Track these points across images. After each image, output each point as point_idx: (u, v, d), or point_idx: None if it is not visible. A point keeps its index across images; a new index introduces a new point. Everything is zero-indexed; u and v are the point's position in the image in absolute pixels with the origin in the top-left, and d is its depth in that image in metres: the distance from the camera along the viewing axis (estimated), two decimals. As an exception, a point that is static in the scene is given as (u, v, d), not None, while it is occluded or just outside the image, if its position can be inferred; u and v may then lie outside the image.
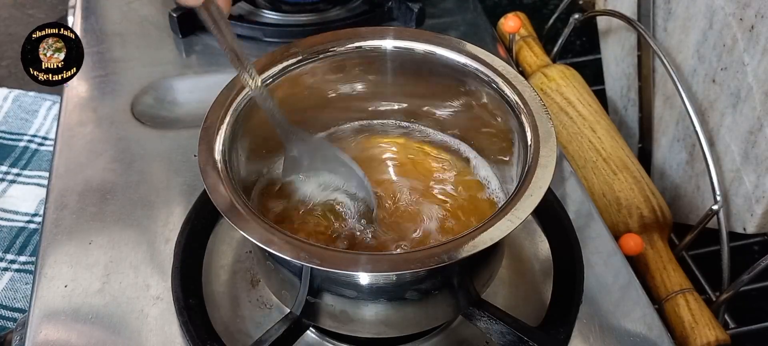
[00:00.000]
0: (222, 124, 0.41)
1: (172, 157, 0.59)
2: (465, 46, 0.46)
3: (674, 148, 0.73)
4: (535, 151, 0.40)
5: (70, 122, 0.62)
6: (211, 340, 0.44)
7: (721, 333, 0.55)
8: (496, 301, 0.47)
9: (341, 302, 0.40)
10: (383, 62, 0.48)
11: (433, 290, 0.40)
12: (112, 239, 0.52)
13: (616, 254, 0.52)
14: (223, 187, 0.37)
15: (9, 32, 1.28)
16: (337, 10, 0.76)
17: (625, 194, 0.64)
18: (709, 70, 0.65)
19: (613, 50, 0.82)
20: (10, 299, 0.68)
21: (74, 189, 0.55)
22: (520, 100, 0.43)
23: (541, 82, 0.74)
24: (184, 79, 0.68)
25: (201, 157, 0.39)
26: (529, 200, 0.37)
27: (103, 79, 0.67)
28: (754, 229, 0.63)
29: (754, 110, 0.59)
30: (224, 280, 0.50)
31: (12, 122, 0.88)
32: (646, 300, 0.49)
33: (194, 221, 0.51)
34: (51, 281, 0.49)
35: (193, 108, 0.66)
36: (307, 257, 0.34)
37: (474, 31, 0.77)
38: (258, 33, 0.72)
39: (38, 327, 0.46)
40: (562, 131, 0.70)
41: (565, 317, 0.46)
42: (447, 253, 0.34)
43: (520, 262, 0.52)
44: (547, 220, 0.53)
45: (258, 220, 0.36)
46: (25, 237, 0.74)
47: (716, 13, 0.63)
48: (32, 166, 0.83)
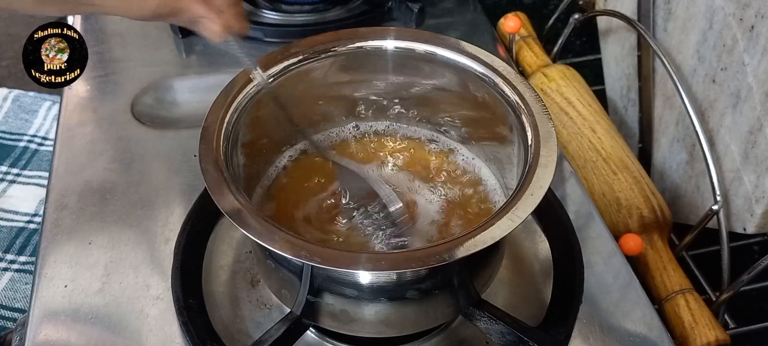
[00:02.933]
0: (222, 124, 0.41)
1: (172, 157, 0.59)
2: (465, 46, 0.46)
3: (674, 148, 0.73)
4: (536, 151, 0.40)
5: (70, 122, 0.62)
6: (211, 340, 0.44)
7: (721, 333, 0.55)
8: (496, 301, 0.47)
9: (341, 302, 0.40)
10: (383, 62, 0.48)
11: (434, 289, 0.40)
12: (112, 239, 0.52)
13: (616, 254, 0.52)
14: (223, 186, 0.37)
15: (9, 32, 1.28)
16: (337, 10, 0.76)
17: (625, 194, 0.64)
18: (709, 71, 0.65)
19: (613, 50, 0.82)
20: (10, 299, 0.68)
21: (74, 189, 0.55)
22: (520, 100, 0.43)
23: (541, 82, 0.74)
24: (184, 79, 0.68)
25: (201, 157, 0.39)
26: (530, 199, 0.37)
27: (103, 79, 0.67)
28: (754, 229, 0.63)
29: (754, 110, 0.59)
30: (224, 280, 0.50)
31: (12, 122, 0.88)
32: (646, 300, 0.49)
33: (194, 221, 0.51)
34: (51, 281, 0.49)
35: (193, 108, 0.66)
36: (308, 255, 0.34)
37: (474, 31, 0.77)
38: (258, 33, 0.72)
39: (38, 327, 0.46)
40: (563, 131, 0.70)
41: (565, 317, 0.46)
42: (447, 252, 0.34)
43: (520, 262, 0.52)
44: (547, 220, 0.53)
45: (258, 219, 0.36)
46: (25, 237, 0.74)
47: (716, 14, 0.63)
48: (32, 167, 0.83)
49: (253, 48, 0.71)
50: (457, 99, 0.49)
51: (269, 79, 0.42)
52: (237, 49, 0.39)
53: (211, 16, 0.33)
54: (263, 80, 0.41)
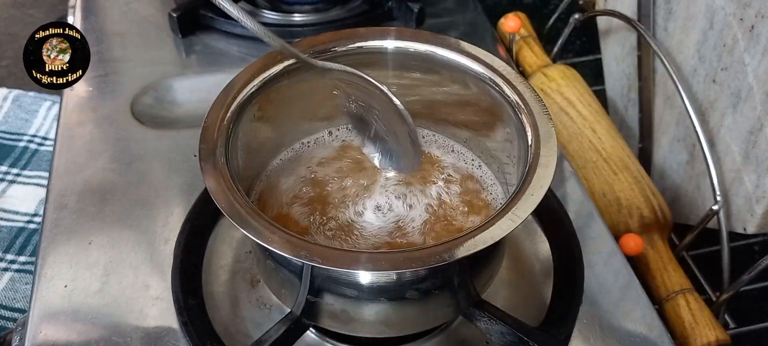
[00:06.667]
0: (222, 124, 0.41)
1: (172, 157, 0.59)
2: (465, 46, 0.46)
3: (674, 148, 0.73)
4: (536, 151, 0.40)
5: (70, 122, 0.62)
6: (211, 340, 0.44)
7: (722, 333, 0.55)
8: (496, 301, 0.47)
9: (341, 302, 0.40)
10: (383, 62, 0.48)
11: (434, 289, 0.40)
12: (112, 239, 0.52)
13: (616, 254, 0.52)
14: (223, 186, 0.37)
15: (9, 32, 1.27)
16: (337, 10, 0.76)
17: (625, 194, 0.64)
18: (709, 70, 0.65)
19: (613, 50, 0.82)
20: (10, 299, 0.68)
21: (74, 189, 0.55)
22: (520, 100, 0.43)
23: (541, 82, 0.74)
24: (184, 79, 0.68)
25: (201, 157, 0.39)
26: (530, 199, 0.37)
27: (103, 79, 0.67)
28: (754, 229, 0.63)
29: (755, 110, 0.59)
30: (224, 280, 0.50)
31: (12, 122, 0.88)
32: (646, 300, 0.49)
33: (194, 221, 0.51)
34: (51, 281, 0.49)
35: (193, 108, 0.66)
36: (308, 255, 0.34)
37: (474, 31, 0.77)
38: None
39: (38, 327, 0.46)
40: (563, 131, 0.70)
41: (565, 317, 0.46)
42: (447, 252, 0.34)
43: (520, 262, 0.52)
44: (547, 220, 0.53)
45: (258, 219, 0.36)
46: (25, 237, 0.74)
47: (716, 13, 0.63)
48: (32, 167, 0.83)
49: (253, 47, 0.71)
50: (456, 99, 0.48)
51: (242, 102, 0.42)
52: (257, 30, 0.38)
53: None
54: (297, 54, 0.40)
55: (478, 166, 0.49)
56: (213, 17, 0.73)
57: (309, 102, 0.49)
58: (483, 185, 0.48)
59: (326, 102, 0.50)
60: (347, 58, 0.47)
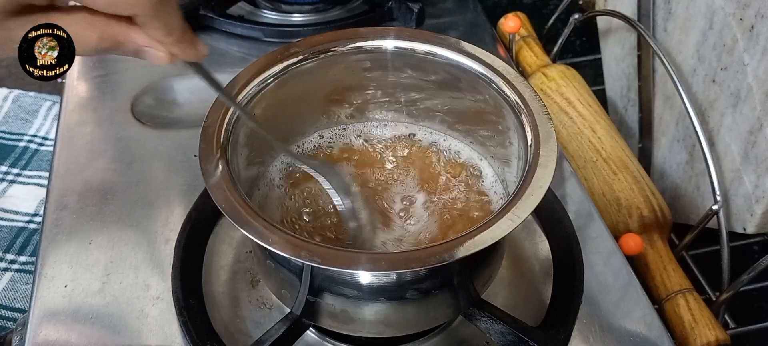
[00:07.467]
0: (222, 124, 0.41)
1: (172, 157, 0.59)
2: (465, 46, 0.46)
3: (674, 148, 0.73)
4: (535, 151, 0.40)
5: (70, 122, 0.62)
6: (211, 340, 0.44)
7: (721, 333, 0.55)
8: (496, 301, 0.47)
9: (341, 302, 0.40)
10: (383, 62, 0.48)
11: (434, 289, 0.40)
12: (112, 239, 0.52)
13: (616, 254, 0.52)
14: (224, 186, 0.37)
15: (9, 32, 1.27)
16: (337, 10, 0.76)
17: (625, 194, 0.64)
18: (709, 70, 0.65)
19: (613, 50, 0.82)
20: (10, 299, 0.68)
21: (74, 189, 0.55)
22: (520, 100, 0.43)
23: (541, 82, 0.74)
24: (184, 79, 0.68)
25: (201, 157, 0.39)
26: (530, 199, 0.37)
27: (103, 79, 0.67)
28: (754, 229, 0.63)
29: (754, 110, 0.59)
30: (224, 280, 0.50)
31: (12, 122, 0.88)
32: (646, 300, 0.49)
33: (194, 220, 0.51)
34: (51, 281, 0.49)
35: (193, 108, 0.66)
36: (308, 255, 0.34)
37: (474, 31, 0.77)
38: (258, 33, 0.72)
39: (38, 327, 0.46)
40: (562, 131, 0.70)
41: (565, 317, 0.46)
42: (447, 252, 0.34)
43: (520, 262, 0.52)
44: (547, 220, 0.53)
45: (259, 219, 0.36)
46: (25, 237, 0.74)
47: (716, 13, 0.63)
48: (32, 167, 0.83)
49: (254, 48, 0.71)
50: (456, 99, 0.49)
51: (243, 103, 0.42)
52: (200, 76, 0.38)
53: (152, 44, 0.33)
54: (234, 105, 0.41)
55: (477, 165, 0.49)
56: (213, 17, 0.73)
57: (309, 102, 0.49)
58: (483, 185, 0.48)
59: (327, 102, 0.50)
60: (347, 57, 0.47)
